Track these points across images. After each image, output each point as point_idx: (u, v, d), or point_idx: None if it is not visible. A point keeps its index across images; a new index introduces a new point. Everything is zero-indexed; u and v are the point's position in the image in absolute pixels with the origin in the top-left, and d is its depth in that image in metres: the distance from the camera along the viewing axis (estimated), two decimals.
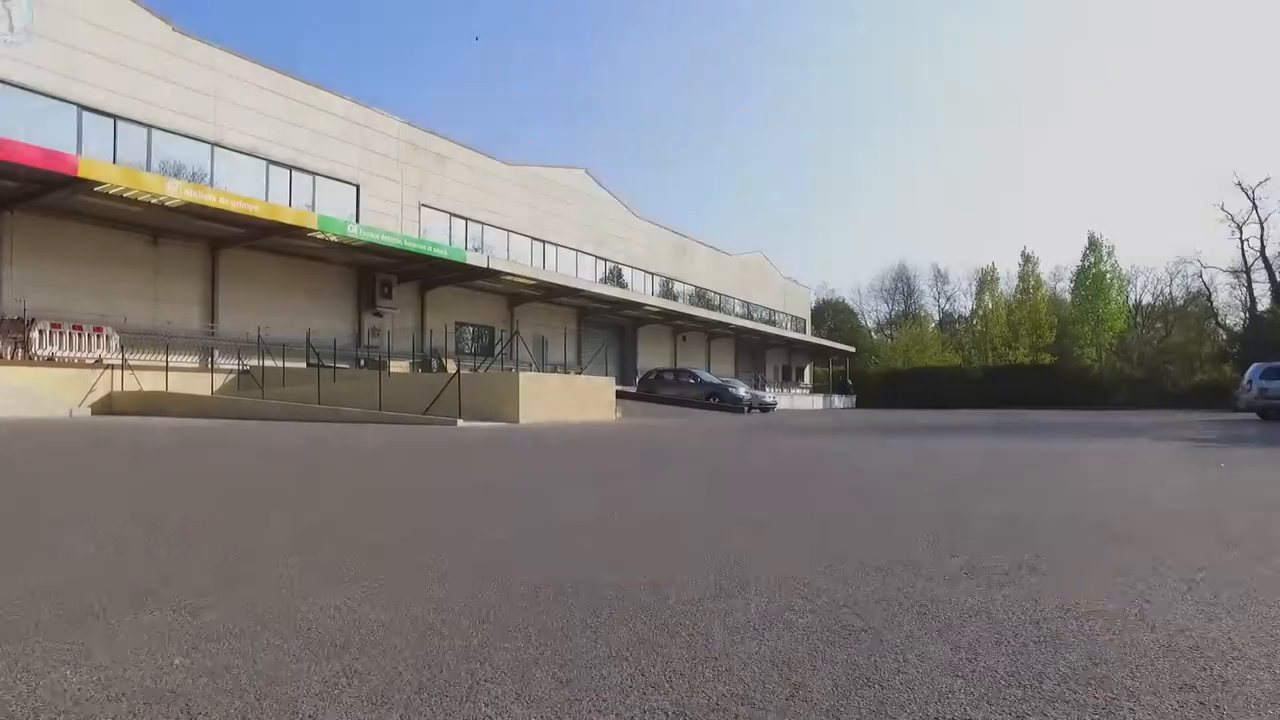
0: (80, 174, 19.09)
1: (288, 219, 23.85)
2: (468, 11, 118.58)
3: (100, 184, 19.53)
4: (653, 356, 47.10)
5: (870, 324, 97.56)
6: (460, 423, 16.01)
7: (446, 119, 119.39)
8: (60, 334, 21.74)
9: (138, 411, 19.29)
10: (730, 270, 58.78)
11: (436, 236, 33.88)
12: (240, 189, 26.28)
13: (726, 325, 50.85)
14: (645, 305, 41.70)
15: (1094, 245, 66.19)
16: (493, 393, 17.95)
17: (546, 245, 40.39)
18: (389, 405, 17.72)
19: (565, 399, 19.69)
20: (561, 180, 41.77)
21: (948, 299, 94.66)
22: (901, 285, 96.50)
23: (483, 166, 36.65)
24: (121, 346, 21.99)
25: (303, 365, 24.64)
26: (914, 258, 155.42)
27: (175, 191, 20.83)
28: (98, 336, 22.51)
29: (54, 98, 22.33)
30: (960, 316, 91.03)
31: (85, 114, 22.97)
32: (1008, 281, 79.93)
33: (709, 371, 44.35)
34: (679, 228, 53.31)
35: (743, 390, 37.12)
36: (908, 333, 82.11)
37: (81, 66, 22.72)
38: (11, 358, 18.82)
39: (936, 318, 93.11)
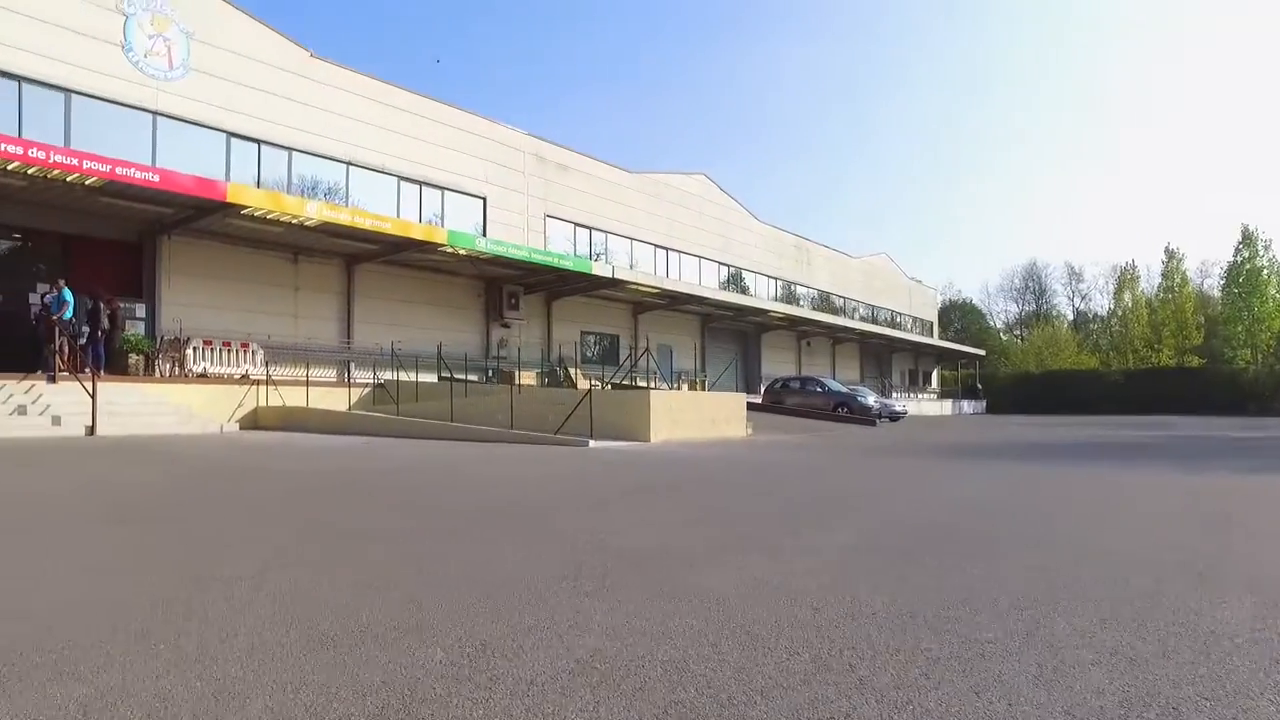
0: (229, 199, 19.77)
1: (418, 234, 24.22)
2: (586, 18, 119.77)
3: (246, 207, 20.17)
4: (776, 363, 46.30)
5: (999, 324, 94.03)
6: (592, 443, 15.77)
7: (568, 129, 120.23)
8: (211, 351, 22.60)
9: (280, 426, 19.81)
10: (853, 273, 57.33)
11: (561, 246, 34.06)
12: (373, 206, 26.94)
13: (851, 330, 49.52)
14: (770, 312, 40.95)
15: (1248, 239, 61.68)
16: (623, 410, 17.67)
17: (670, 252, 40.11)
18: (519, 422, 17.67)
19: (697, 416, 19.28)
20: (683, 186, 41.42)
21: (1083, 298, 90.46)
22: (1032, 284, 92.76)
23: (605, 175, 36.63)
24: (266, 361, 22.73)
25: (434, 378, 25.02)
26: (1045, 255, 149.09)
27: (314, 212, 21.36)
28: (244, 352, 23.33)
29: (207, 127, 23.28)
30: (1097, 316, 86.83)
31: (233, 140, 23.89)
32: (1149, 279, 75.71)
33: (834, 378, 43.30)
34: (799, 230, 52.40)
35: (871, 399, 35.92)
36: (1040, 334, 78.58)
37: (230, 96, 23.61)
38: (170, 375, 19.61)
39: (1070, 317, 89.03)
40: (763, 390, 39.48)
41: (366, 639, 3.30)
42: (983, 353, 68.39)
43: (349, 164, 26.65)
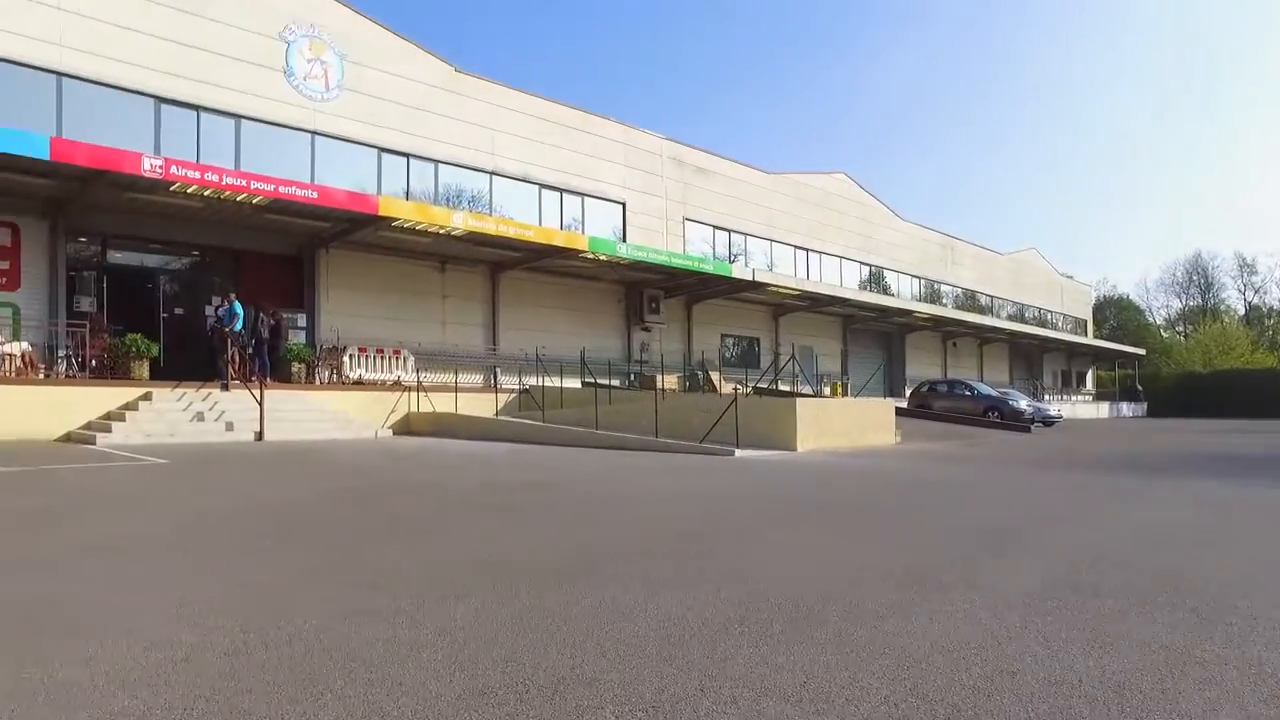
0: (380, 212, 20.48)
1: (559, 241, 24.50)
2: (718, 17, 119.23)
3: (396, 219, 20.85)
4: (920, 364, 44.81)
5: (1158, 321, 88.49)
6: (738, 452, 15.49)
7: (705, 133, 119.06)
8: (365, 358, 23.48)
9: (431, 431, 20.36)
10: (1000, 270, 54.92)
11: (700, 249, 33.93)
12: (516, 214, 27.51)
13: (999, 329, 47.41)
14: (914, 312, 39.64)
15: None
16: (768, 418, 17.32)
17: (810, 253, 39.37)
18: (664, 429, 17.56)
19: (844, 423, 18.72)
20: (822, 186, 40.58)
21: (1256, 291, 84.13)
22: (1197, 277, 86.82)
23: (743, 177, 36.26)
24: (416, 368, 23.45)
25: (578, 383, 25.31)
26: (1212, 246, 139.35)
27: (459, 222, 21.89)
28: (396, 359, 24.13)
29: (359, 143, 24.25)
30: (1273, 310, 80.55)
31: (383, 155, 24.78)
32: None
33: (982, 381, 41.58)
34: (943, 228, 50.58)
35: (1024, 403, 34.19)
36: (1208, 331, 73.33)
37: (380, 113, 24.52)
38: (328, 383, 20.47)
39: (1241, 312, 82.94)
40: (907, 394, 38.26)
41: (531, 692, 3.16)
42: (1142, 352, 64.37)
43: (492, 174, 27.24)
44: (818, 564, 5.69)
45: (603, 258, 25.61)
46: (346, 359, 22.91)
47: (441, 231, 22.08)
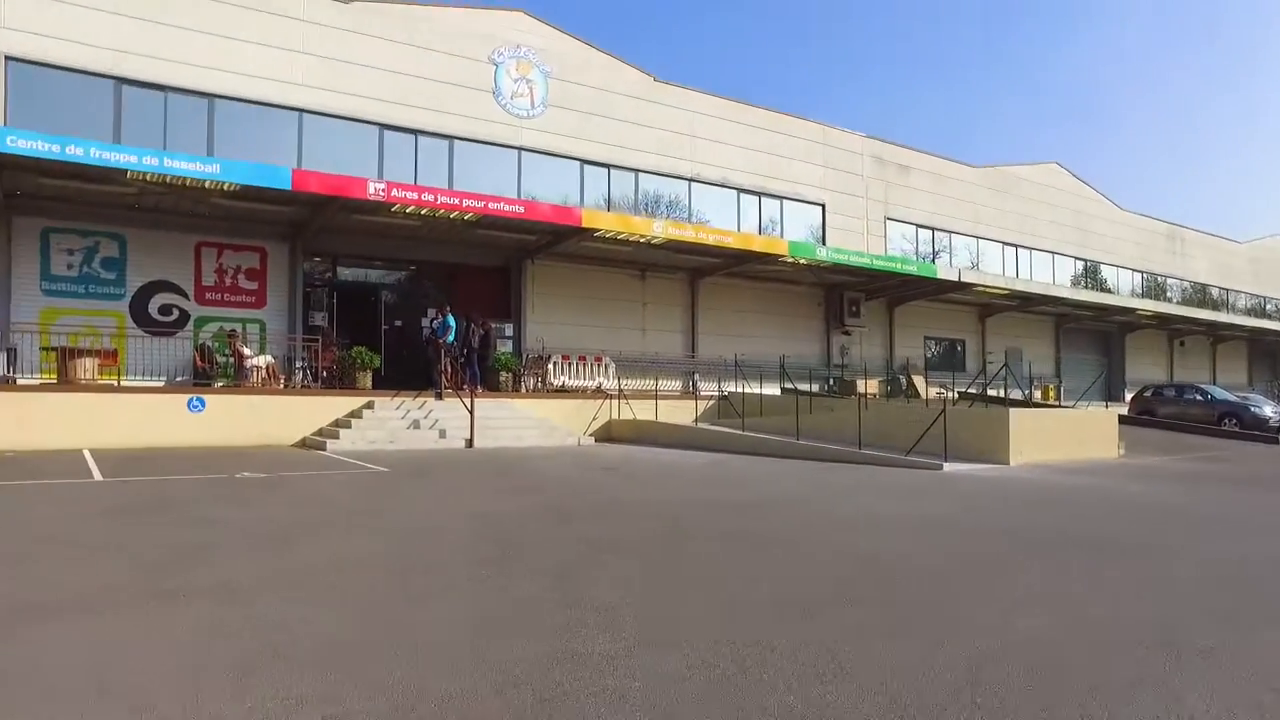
0: (584, 224, 20.87)
1: (758, 247, 24.15)
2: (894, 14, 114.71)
3: (599, 230, 21.19)
4: (1143, 366, 41.24)
5: None
6: (946, 466, 14.69)
7: (904, 127, 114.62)
8: (569, 365, 24.08)
9: (632, 439, 20.57)
10: (1238, 260, 49.79)
11: (902, 249, 32.70)
12: (714, 219, 27.44)
13: (1238, 326, 42.93)
14: (1136, 310, 36.52)
15: None
16: (978, 428, 16.33)
17: (1019, 249, 37.08)
18: (867, 437, 16.92)
19: (1061, 434, 17.39)
20: (1032, 177, 38.10)
21: None
22: None
23: (947, 172, 34.58)
24: (617, 374, 23.81)
25: (776, 389, 24.94)
26: None
27: (659, 231, 21.97)
28: (598, 366, 24.60)
29: (562, 156, 24.87)
30: None
31: (585, 167, 25.28)
32: None
33: (1215, 384, 37.79)
34: (1168, 217, 46.40)
35: (1268, 409, 30.69)
36: None
37: (582, 126, 25.03)
38: (533, 390, 21.09)
39: None
40: (1128, 399, 35.31)
41: None
42: None
43: (691, 180, 27.24)
44: (1053, 619, 5.13)
45: (803, 262, 25.08)
46: (550, 366, 23.57)
47: (642, 240, 22.27)
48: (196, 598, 5.45)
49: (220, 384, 19.08)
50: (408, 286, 23.81)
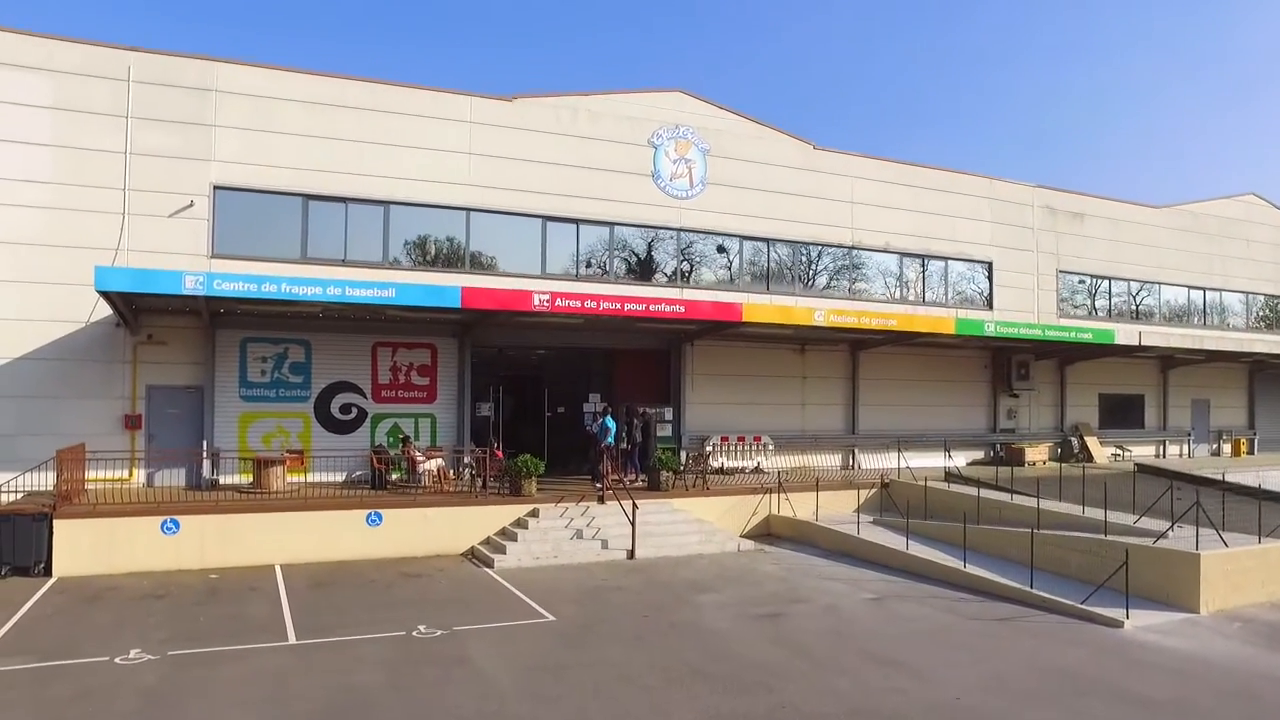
0: (745, 319, 20.21)
1: (923, 327, 22.76)
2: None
3: (760, 324, 20.55)
4: None
5: None
6: (1128, 623, 13.19)
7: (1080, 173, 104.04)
8: (727, 446, 23.51)
9: (791, 538, 19.76)
10: None
11: (1076, 302, 30.41)
12: (876, 286, 26.21)
13: None
14: None
15: None
16: (1162, 566, 14.66)
17: (1206, 291, 33.76)
18: (1039, 559, 15.49)
19: (1271, 568, 15.39)
20: (1223, 212, 34.41)
21: None
22: None
23: (1125, 216, 31.72)
24: (777, 452, 23.12)
25: (940, 459, 23.71)
26: None
27: (821, 319, 21.02)
28: (756, 445, 23.92)
29: (721, 234, 24.22)
30: None
31: (745, 242, 24.55)
32: None
33: None
34: None
35: None
36: None
37: (740, 201, 24.22)
38: (691, 488, 20.51)
39: None
40: None
41: None
42: None
43: (851, 248, 26.01)
44: None
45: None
46: (709, 449, 23.09)
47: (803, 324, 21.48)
48: None
49: (395, 476, 19.62)
50: (570, 372, 23.83)
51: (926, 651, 12.02)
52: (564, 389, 23.43)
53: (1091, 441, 29.49)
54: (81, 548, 15.14)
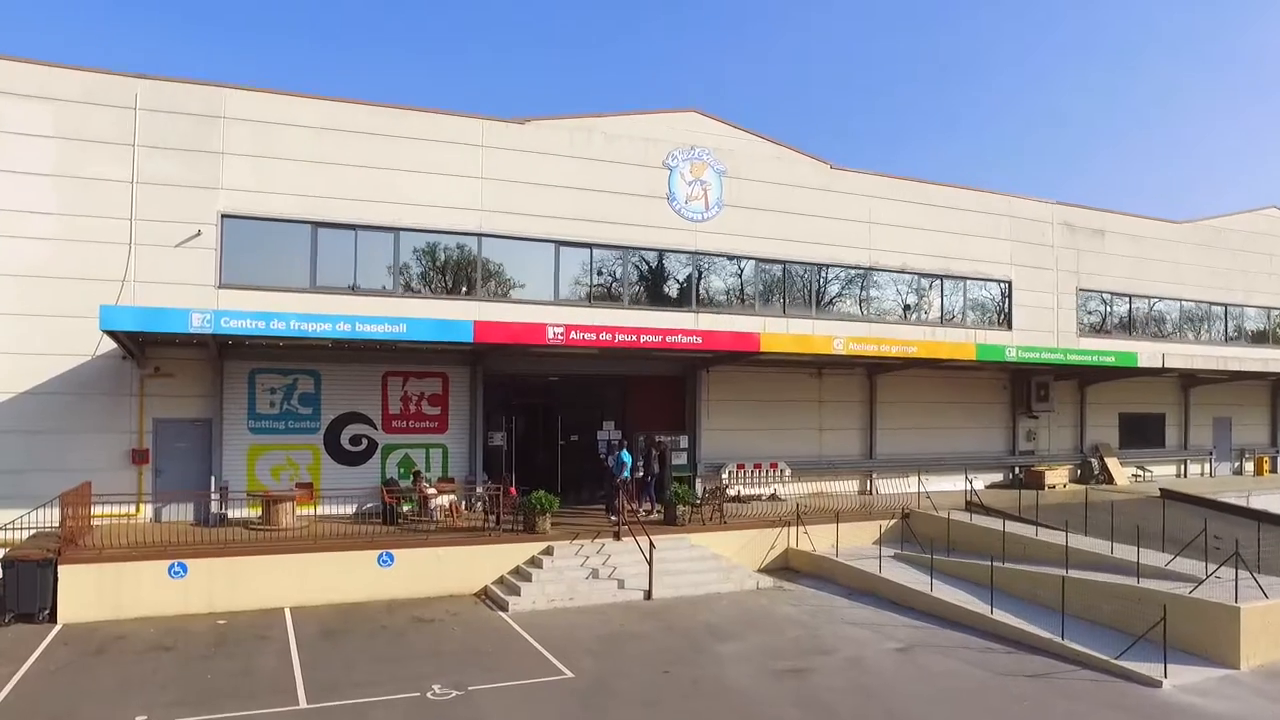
0: (763, 349, 19.78)
1: (944, 354, 22.30)
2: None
3: (778, 353, 20.11)
4: None
5: None
6: (1166, 682, 12.67)
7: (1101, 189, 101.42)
8: (743, 473, 23.06)
9: (811, 574, 19.27)
10: None
11: (1094, 320, 29.90)
12: (893, 306, 25.76)
13: None
14: None
15: None
16: (1200, 620, 14.17)
17: (1229, 308, 33.16)
18: (1070, 602, 14.96)
19: None
20: (1246, 227, 33.76)
21: None
22: None
23: (1146, 233, 31.13)
24: (793, 478, 22.69)
25: (960, 483, 23.33)
26: None
27: (841, 348, 20.57)
28: (773, 471, 23.46)
29: (737, 257, 23.76)
30: None
31: (760, 265, 24.06)
32: None
33: None
34: None
35: None
36: None
37: (755, 223, 23.74)
38: (709, 522, 19.99)
39: None
40: None
41: None
42: None
43: (869, 269, 25.50)
44: None
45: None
46: (725, 475, 22.66)
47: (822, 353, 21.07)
48: None
49: (406, 508, 19.21)
50: (584, 399, 23.37)
51: (957, 718, 11.57)
52: (577, 416, 22.99)
53: (1112, 462, 28.97)
54: (87, 593, 14.76)
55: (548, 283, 21.68)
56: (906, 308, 26.25)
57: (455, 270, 20.99)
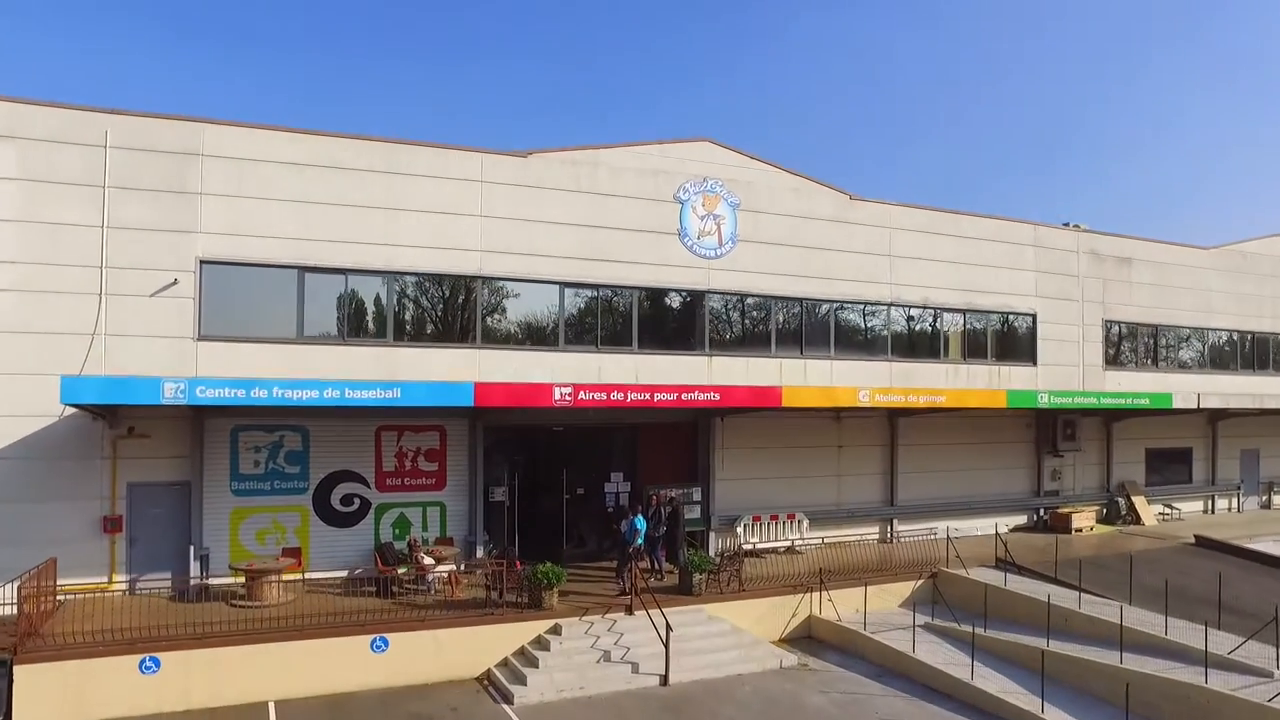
0: (784, 404, 18.44)
1: (974, 402, 21.02)
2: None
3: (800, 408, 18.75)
4: None
5: None
6: None
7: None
8: (759, 525, 21.72)
9: (838, 649, 17.88)
10: None
11: (1119, 353, 28.63)
12: (914, 345, 24.44)
13: None
14: None
15: None
16: None
17: (1256, 337, 31.89)
18: (1133, 702, 13.69)
19: None
20: (1275, 251, 32.64)
21: None
22: None
23: (1173, 259, 29.81)
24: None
25: (988, 525, 22.46)
26: None
27: (866, 399, 19.29)
28: (790, 522, 22.12)
29: (753, 295, 22.37)
30: None
31: (777, 303, 22.67)
32: None
33: None
34: None
35: None
36: None
37: (771, 259, 22.33)
38: (725, 589, 18.54)
39: None
40: None
41: None
42: None
43: (890, 305, 24.11)
44: None
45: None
46: (740, 528, 21.36)
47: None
48: None
49: (402, 571, 17.83)
50: (590, 450, 21.90)
51: None
52: (584, 467, 21.54)
53: (1139, 501, 27.73)
54: (49, 695, 13.30)
55: (552, 326, 20.28)
56: (929, 344, 24.85)
57: (453, 315, 19.56)
